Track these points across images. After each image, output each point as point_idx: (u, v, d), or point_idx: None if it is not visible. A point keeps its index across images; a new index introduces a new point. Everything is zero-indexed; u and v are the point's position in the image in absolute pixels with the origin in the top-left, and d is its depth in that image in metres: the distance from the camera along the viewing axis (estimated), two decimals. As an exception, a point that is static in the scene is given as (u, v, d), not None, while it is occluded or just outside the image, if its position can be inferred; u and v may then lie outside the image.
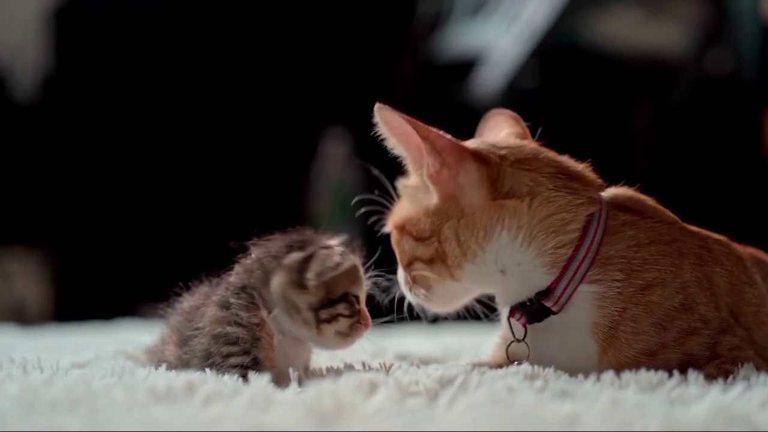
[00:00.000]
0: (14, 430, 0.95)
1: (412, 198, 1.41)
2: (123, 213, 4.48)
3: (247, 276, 1.39)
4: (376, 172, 1.44)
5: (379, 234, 1.47)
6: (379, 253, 1.43)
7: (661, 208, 1.40)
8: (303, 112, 4.52)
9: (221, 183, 4.46)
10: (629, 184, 1.43)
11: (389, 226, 1.45)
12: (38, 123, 4.50)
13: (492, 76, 3.82)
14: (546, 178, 1.35)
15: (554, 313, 1.32)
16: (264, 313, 1.35)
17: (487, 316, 1.49)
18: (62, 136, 4.50)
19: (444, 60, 4.13)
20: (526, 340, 1.36)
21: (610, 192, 1.40)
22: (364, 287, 1.39)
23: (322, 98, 4.54)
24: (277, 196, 4.30)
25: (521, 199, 1.33)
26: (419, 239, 1.37)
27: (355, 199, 1.49)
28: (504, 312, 1.42)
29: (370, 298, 1.42)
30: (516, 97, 3.71)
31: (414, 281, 1.41)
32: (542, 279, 1.32)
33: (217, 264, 1.42)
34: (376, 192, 1.46)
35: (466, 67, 3.95)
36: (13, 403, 1.07)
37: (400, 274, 1.45)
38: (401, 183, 1.45)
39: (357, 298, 1.37)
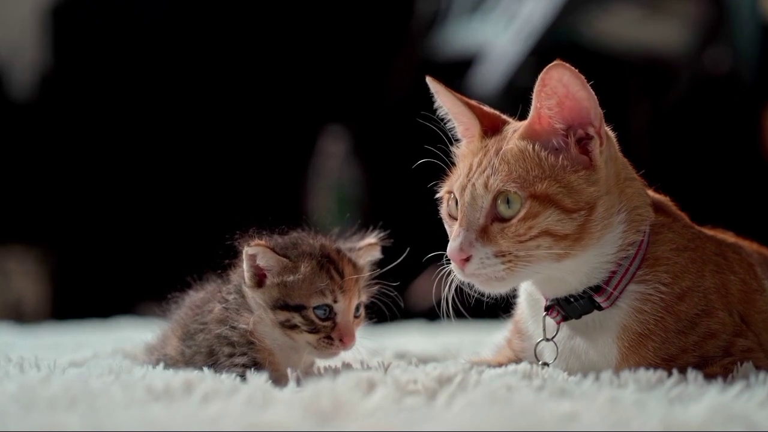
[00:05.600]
0: (13, 429, 0.94)
1: (538, 162, 1.25)
2: (121, 211, 4.47)
3: (240, 277, 1.38)
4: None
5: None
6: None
7: (679, 211, 1.39)
8: (302, 110, 4.52)
9: (220, 181, 4.45)
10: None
11: (524, 194, 1.24)
12: (36, 121, 4.49)
13: (491, 73, 3.81)
14: (634, 169, 1.31)
15: (599, 309, 1.28)
16: (252, 317, 1.34)
17: (485, 315, 1.48)
18: (60, 134, 4.49)
19: (443, 58, 4.12)
20: (555, 339, 1.32)
21: None
22: (347, 302, 1.34)
23: (320, 96, 4.54)
24: (276, 194, 4.29)
25: (629, 183, 1.29)
26: (570, 210, 1.23)
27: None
28: (526, 309, 1.40)
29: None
30: (515, 94, 3.70)
31: (503, 255, 1.24)
32: (604, 271, 1.27)
33: (217, 262, 1.42)
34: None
35: (465, 64, 3.94)
36: (11, 401, 1.06)
37: (463, 244, 1.25)
38: (515, 144, 1.28)
39: (323, 313, 1.33)
